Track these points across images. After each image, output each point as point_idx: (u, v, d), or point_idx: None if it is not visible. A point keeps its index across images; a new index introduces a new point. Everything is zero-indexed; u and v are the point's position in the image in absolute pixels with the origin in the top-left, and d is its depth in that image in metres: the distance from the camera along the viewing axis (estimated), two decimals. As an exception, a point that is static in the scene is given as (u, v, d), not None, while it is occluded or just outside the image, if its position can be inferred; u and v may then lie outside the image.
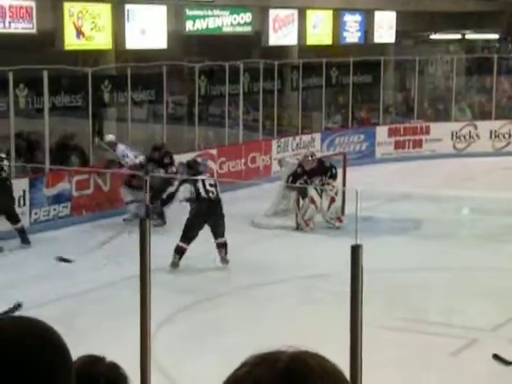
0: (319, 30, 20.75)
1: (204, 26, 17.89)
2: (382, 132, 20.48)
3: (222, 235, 11.10)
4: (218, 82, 17.61)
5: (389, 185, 15.56)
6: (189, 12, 17.58)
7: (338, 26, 21.15)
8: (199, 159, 13.53)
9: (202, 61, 17.47)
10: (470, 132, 21.06)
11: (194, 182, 11.42)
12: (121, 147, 14.17)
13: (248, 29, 18.94)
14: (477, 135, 21.05)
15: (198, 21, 17.76)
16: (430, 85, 23.82)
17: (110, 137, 14.47)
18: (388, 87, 22.49)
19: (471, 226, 13.88)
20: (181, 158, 16.03)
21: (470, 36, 25.81)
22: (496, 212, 13.69)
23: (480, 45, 25.86)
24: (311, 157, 13.93)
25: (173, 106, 17.90)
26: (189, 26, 17.62)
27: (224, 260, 11.05)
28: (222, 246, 11.07)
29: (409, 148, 20.74)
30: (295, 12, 19.92)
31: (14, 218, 12.10)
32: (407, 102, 23.07)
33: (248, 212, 13.84)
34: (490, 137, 21.10)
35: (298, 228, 13.24)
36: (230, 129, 17.73)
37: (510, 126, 21.21)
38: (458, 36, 25.67)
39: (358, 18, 21.70)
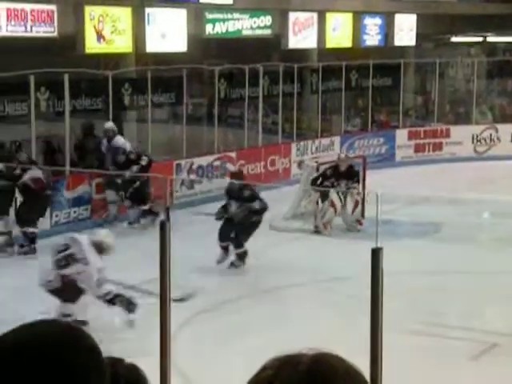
0: (339, 32, 20.73)
1: (224, 30, 17.93)
2: (401, 135, 20.42)
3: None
4: (238, 85, 17.63)
5: (409, 188, 15.50)
6: (208, 15, 17.62)
7: (357, 29, 21.12)
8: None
9: (221, 64, 17.51)
10: (490, 135, 20.95)
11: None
12: (121, 140, 14.17)
13: (268, 32, 18.96)
14: (497, 138, 20.94)
15: (217, 24, 17.79)
16: (451, 88, 23.73)
17: (109, 124, 14.30)
18: (408, 90, 22.43)
19: (491, 229, 13.81)
20: (200, 161, 16.10)
21: (491, 39, 25.67)
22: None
23: (501, 48, 25.72)
24: (346, 157, 14.03)
25: (192, 109, 17.93)
26: (208, 29, 17.65)
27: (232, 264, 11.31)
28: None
29: (429, 151, 20.66)
30: (315, 15, 19.91)
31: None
32: (427, 105, 22.99)
33: (267, 215, 13.82)
34: (511, 140, 20.98)
35: (316, 231, 13.23)
36: (250, 131, 17.75)
37: (530, 129, 21.09)
38: (479, 39, 25.54)
39: (378, 21, 21.66)
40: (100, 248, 8.78)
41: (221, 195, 15.93)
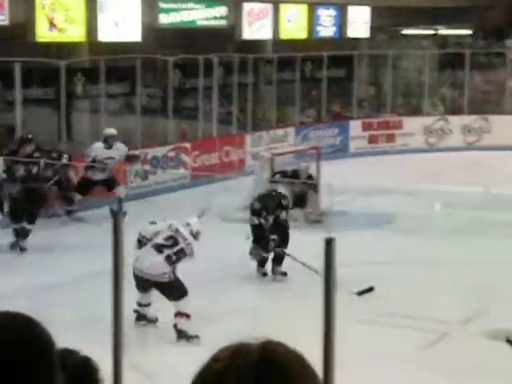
0: (293, 24, 20.77)
1: (178, 19, 17.84)
2: (355, 126, 20.56)
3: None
4: (192, 76, 17.58)
5: (362, 179, 15.60)
6: (162, 5, 17.52)
7: (312, 21, 21.18)
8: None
9: (176, 54, 17.42)
10: (442, 127, 21.21)
11: None
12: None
13: (222, 22, 18.91)
14: (449, 130, 21.21)
15: (172, 14, 17.70)
16: (403, 79, 23.93)
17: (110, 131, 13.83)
18: (361, 81, 22.57)
19: (443, 220, 13.99)
20: (155, 152, 16.02)
21: (443, 31, 25.95)
22: (467, 206, 13.80)
23: (453, 40, 26.00)
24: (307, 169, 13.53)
25: (147, 99, 17.83)
26: (163, 18, 17.55)
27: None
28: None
29: (382, 142, 20.84)
30: (269, 6, 19.91)
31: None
32: (380, 96, 23.16)
33: (221, 205, 13.83)
34: (462, 131, 21.26)
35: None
36: (204, 122, 17.72)
37: (481, 121, 21.39)
38: (431, 31, 25.80)
39: (332, 12, 21.74)
40: (194, 237, 8.66)
41: (175, 186, 15.94)
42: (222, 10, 18.75)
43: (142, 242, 8.63)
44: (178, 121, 17.73)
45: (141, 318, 8.67)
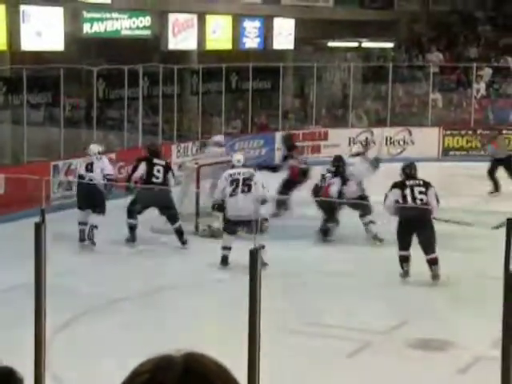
0: (219, 35, 20.79)
1: (102, 29, 17.65)
2: (281, 137, 20.64)
3: (433, 250, 10.51)
4: (117, 86, 17.43)
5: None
6: (86, 14, 17.32)
7: (237, 32, 21.24)
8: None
9: (100, 64, 17.25)
10: (366, 138, 21.50)
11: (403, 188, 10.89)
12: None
13: (147, 32, 18.81)
14: (373, 141, 21.51)
15: (95, 23, 17.50)
16: (328, 91, 24.20)
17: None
18: (287, 93, 22.74)
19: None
20: (78, 162, 15.78)
21: (367, 44, 26.34)
22: (390, 218, 13.99)
23: (376, 53, 26.43)
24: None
25: (70, 109, 17.59)
26: (86, 28, 17.35)
27: (435, 277, 10.45)
28: (434, 263, 10.46)
29: (307, 153, 20.99)
30: (195, 17, 19.89)
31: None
32: (305, 108, 23.38)
33: (147, 217, 13.72)
34: (386, 143, 21.60)
35: (197, 231, 13.20)
36: (129, 133, 17.58)
37: (404, 133, 21.77)
38: (355, 44, 26.15)
39: (257, 24, 21.85)
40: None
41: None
42: (146, 20, 18.64)
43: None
44: (102, 131, 17.55)
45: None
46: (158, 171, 12.64)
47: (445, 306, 9.70)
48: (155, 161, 12.82)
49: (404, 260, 10.74)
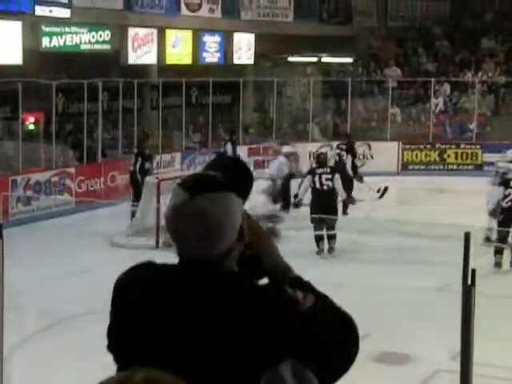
0: (179, 49, 20.78)
1: (61, 43, 17.54)
2: (241, 152, 20.67)
3: (333, 228, 12.75)
4: (76, 100, 17.33)
5: (247, 203, 15.71)
6: (45, 28, 17.20)
7: (197, 46, 21.25)
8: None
9: (59, 78, 17.14)
10: (326, 152, 21.58)
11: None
12: None
13: (107, 47, 18.73)
14: (333, 156, 21.60)
15: (54, 37, 17.38)
16: (288, 106, 24.31)
17: None
18: (247, 108, 22.79)
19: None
20: (38, 177, 15.65)
21: (326, 59, 26.51)
22: (348, 230, 14.08)
23: (335, 68, 26.63)
24: None
25: (29, 124, 17.43)
26: (45, 42, 17.22)
27: (331, 249, 12.71)
28: (332, 238, 12.75)
29: (268, 167, 21.01)
30: (154, 31, 19.86)
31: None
32: (266, 122, 23.44)
33: (108, 232, 13.63)
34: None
35: (157, 246, 13.15)
36: (89, 147, 17.47)
37: (364, 147, 21.92)
38: (315, 59, 26.31)
39: (217, 38, 21.89)
40: None
41: (59, 211, 15.59)
42: (105, 35, 18.56)
43: None
44: (61, 146, 17.43)
45: None
46: None
47: (405, 319, 9.76)
48: None
49: (319, 239, 12.82)
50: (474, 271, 2.95)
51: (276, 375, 1.82)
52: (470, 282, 2.95)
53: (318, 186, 12.98)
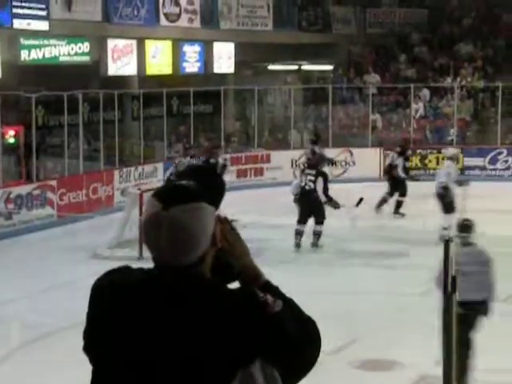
0: (159, 59, 20.78)
1: (40, 56, 17.49)
2: (223, 160, 20.66)
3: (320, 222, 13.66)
4: (57, 112, 17.27)
5: (231, 213, 15.72)
6: (23, 41, 17.14)
7: (177, 56, 21.25)
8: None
9: (39, 91, 17.08)
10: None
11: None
12: None
13: (86, 58, 18.69)
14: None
15: (33, 50, 17.33)
16: (270, 114, 24.35)
17: None
18: (229, 116, 22.81)
19: (311, 251, 14.16)
20: (19, 190, 15.58)
21: (306, 67, 26.60)
22: (333, 238, 14.11)
23: (315, 75, 26.71)
24: None
25: (9, 137, 17.35)
26: (24, 55, 17.17)
27: (314, 244, 13.68)
28: (316, 234, 13.67)
29: (251, 176, 21.06)
30: (134, 42, 19.85)
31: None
32: (247, 130, 23.47)
33: (91, 244, 13.58)
34: (328, 164, 21.75)
35: (141, 257, 13.11)
36: (70, 159, 17.41)
37: (346, 154, 21.99)
38: (295, 67, 26.39)
39: (197, 48, 21.91)
40: None
41: (41, 225, 15.51)
42: (84, 46, 18.53)
43: None
44: (42, 159, 17.36)
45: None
46: None
47: (389, 325, 9.78)
48: None
49: (298, 233, 13.64)
50: (454, 277, 2.97)
51: (247, 375, 1.91)
52: (450, 288, 2.96)
53: (303, 184, 14.21)
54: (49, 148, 18.34)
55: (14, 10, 16.40)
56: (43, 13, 17.00)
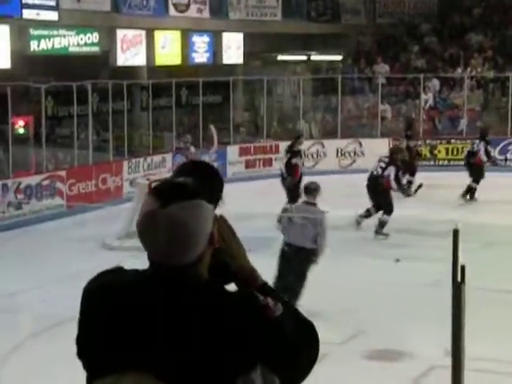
0: (168, 50, 20.77)
1: (49, 46, 17.51)
2: (232, 151, 20.70)
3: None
4: (66, 103, 17.29)
5: (240, 204, 15.69)
6: (33, 32, 17.17)
7: (186, 47, 21.24)
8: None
9: (48, 81, 17.10)
10: (317, 150, 21.63)
11: None
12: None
13: (95, 49, 18.70)
14: (324, 153, 21.65)
15: (42, 41, 17.35)
16: (278, 104, 24.31)
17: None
18: (237, 107, 22.79)
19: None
20: (29, 181, 15.62)
21: (315, 57, 26.53)
22: (342, 229, 14.08)
23: (324, 66, 26.63)
24: None
25: (18, 127, 17.39)
26: (33, 45, 17.19)
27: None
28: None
29: (259, 167, 21.05)
30: (143, 32, 19.85)
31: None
32: (256, 121, 23.44)
33: (100, 234, 13.61)
34: (337, 155, 21.75)
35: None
36: (80, 150, 17.43)
37: (354, 145, 21.95)
38: (304, 57, 26.33)
39: (206, 38, 21.89)
40: None
41: (51, 215, 15.56)
42: (94, 37, 18.54)
43: None
44: (52, 149, 17.39)
45: None
46: None
47: (398, 315, 9.77)
48: None
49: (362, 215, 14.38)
50: (463, 268, 2.96)
51: (248, 381, 1.84)
52: (459, 278, 2.96)
53: None
54: (58, 138, 18.38)
55: (24, 1, 16.42)
56: (52, 3, 17.01)
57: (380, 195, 14.22)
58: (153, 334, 1.83)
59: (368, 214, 14.47)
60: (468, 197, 17.36)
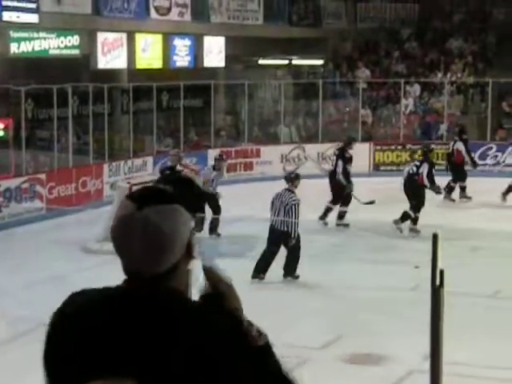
0: (149, 53, 20.71)
1: (30, 49, 17.41)
2: (214, 155, 20.63)
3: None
4: (46, 106, 17.21)
5: (222, 207, 15.68)
6: (13, 34, 17.06)
7: (167, 50, 21.19)
8: None
9: (28, 84, 17.01)
10: (298, 154, 21.65)
11: None
12: None
13: (76, 52, 18.62)
14: (305, 157, 21.67)
15: (23, 43, 17.24)
16: (260, 108, 24.33)
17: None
18: (219, 111, 22.77)
19: (303, 246, 14.17)
20: (8, 184, 15.52)
21: (297, 61, 26.58)
22: (326, 233, 14.11)
23: (306, 70, 26.68)
24: None
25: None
26: (14, 48, 17.09)
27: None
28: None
29: (240, 171, 21.04)
30: (124, 35, 19.77)
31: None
32: (237, 125, 23.44)
33: (79, 238, 13.55)
34: (318, 159, 21.77)
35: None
36: (60, 153, 17.36)
37: (335, 149, 21.96)
38: (285, 61, 26.37)
39: (187, 42, 21.86)
40: None
41: (30, 218, 15.47)
42: (74, 40, 18.45)
43: None
44: (32, 152, 17.30)
45: None
46: None
47: (378, 319, 9.79)
48: None
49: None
50: (442, 272, 2.97)
51: None
52: (438, 282, 2.97)
53: None
54: (38, 141, 18.28)
55: (4, 3, 16.33)
56: (33, 5, 16.92)
57: (415, 192, 14.51)
58: (124, 358, 1.75)
59: (407, 216, 14.71)
60: (465, 199, 18.00)
